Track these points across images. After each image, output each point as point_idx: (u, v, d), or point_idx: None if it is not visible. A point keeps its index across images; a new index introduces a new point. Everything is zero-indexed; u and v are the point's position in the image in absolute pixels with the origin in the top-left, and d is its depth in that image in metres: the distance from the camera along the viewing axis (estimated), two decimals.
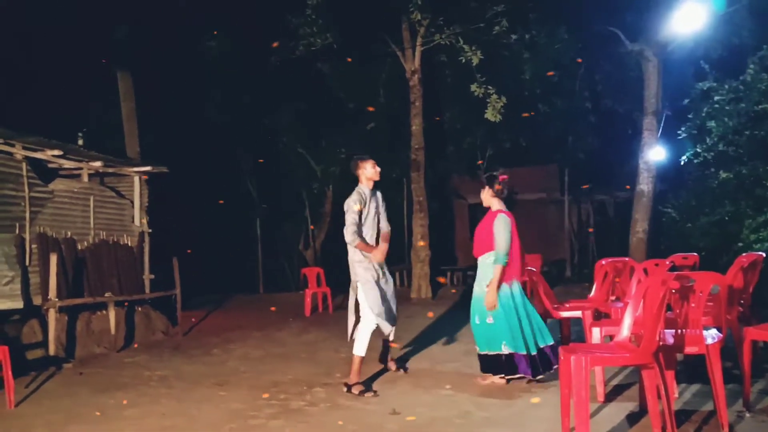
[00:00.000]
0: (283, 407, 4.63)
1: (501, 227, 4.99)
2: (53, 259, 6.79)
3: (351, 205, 5.14)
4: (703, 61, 9.95)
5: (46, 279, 6.83)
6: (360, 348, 5.05)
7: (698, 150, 9.62)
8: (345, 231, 5.10)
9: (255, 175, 18.20)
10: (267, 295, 14.80)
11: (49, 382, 5.74)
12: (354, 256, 5.19)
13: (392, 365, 5.65)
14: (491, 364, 5.03)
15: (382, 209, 5.35)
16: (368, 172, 5.25)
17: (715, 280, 3.91)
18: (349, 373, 5.08)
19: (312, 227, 18.02)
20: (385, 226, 5.35)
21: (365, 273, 5.14)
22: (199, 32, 14.47)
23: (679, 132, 10.31)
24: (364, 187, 5.26)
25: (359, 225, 5.11)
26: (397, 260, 15.70)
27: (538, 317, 5.12)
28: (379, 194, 5.36)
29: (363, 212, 5.16)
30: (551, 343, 5.01)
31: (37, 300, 6.90)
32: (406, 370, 5.67)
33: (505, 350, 4.92)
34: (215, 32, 14.63)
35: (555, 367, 4.83)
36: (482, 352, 5.09)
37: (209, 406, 4.75)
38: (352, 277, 5.24)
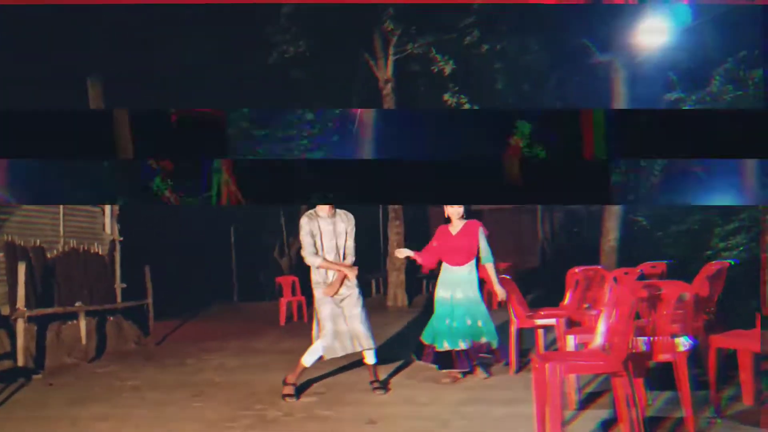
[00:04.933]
0: (259, 418, 4.60)
1: (483, 234, 5.57)
2: (21, 268, 6.64)
3: (300, 224, 5.13)
4: (672, 72, 10.17)
5: (14, 288, 6.67)
6: (306, 359, 5.10)
7: None
8: (304, 254, 5.10)
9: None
10: (242, 304, 14.69)
11: (19, 394, 5.61)
12: (314, 276, 5.18)
13: (374, 384, 5.32)
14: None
15: (349, 234, 5.21)
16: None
17: (682, 289, 4.02)
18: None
19: (287, 235, 17.92)
20: (350, 256, 5.22)
21: (320, 298, 5.13)
22: (173, 36, 14.32)
23: None
24: (319, 209, 5.17)
25: (316, 244, 5.07)
26: (373, 268, 15.71)
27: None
28: (348, 218, 5.24)
29: (314, 233, 5.11)
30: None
31: (5, 310, 6.74)
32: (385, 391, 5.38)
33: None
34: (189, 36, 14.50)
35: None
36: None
37: (184, 417, 4.70)
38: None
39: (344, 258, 5.17)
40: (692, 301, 4.44)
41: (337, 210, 5.23)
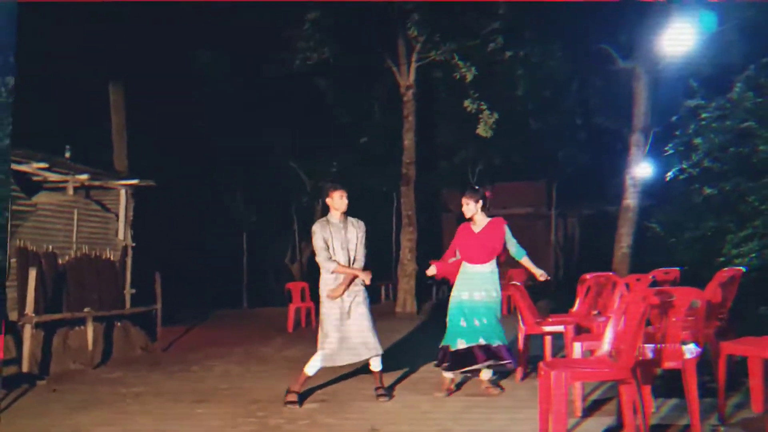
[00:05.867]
0: (261, 424, 4.56)
1: (509, 231, 5.43)
2: (32, 274, 6.68)
3: (313, 230, 5.18)
4: (693, 79, 10.01)
5: (24, 294, 6.70)
6: (309, 368, 5.12)
7: (684, 166, 9.64)
8: (318, 260, 5.14)
9: (244, 188, 18.14)
10: (250, 310, 14.72)
11: (22, 400, 5.59)
12: (322, 284, 5.19)
13: (379, 391, 5.26)
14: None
15: (359, 241, 5.22)
16: (335, 202, 5.18)
17: (694, 296, 3.92)
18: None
19: (298, 242, 17.96)
20: (359, 261, 5.22)
21: (327, 304, 5.14)
22: (194, 45, 14.43)
23: (666, 148, 10.35)
24: (331, 216, 5.22)
25: (329, 250, 5.10)
26: (383, 275, 15.61)
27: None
28: (359, 225, 5.27)
29: (326, 239, 5.12)
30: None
31: (13, 315, 6.74)
32: (389, 398, 5.29)
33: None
34: (210, 46, 14.60)
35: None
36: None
37: (187, 423, 4.67)
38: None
39: (354, 262, 5.18)
40: (703, 308, 4.34)
41: (349, 217, 5.28)
